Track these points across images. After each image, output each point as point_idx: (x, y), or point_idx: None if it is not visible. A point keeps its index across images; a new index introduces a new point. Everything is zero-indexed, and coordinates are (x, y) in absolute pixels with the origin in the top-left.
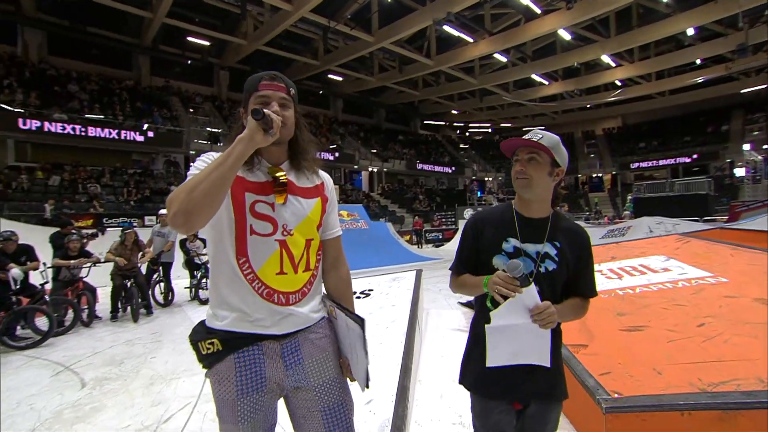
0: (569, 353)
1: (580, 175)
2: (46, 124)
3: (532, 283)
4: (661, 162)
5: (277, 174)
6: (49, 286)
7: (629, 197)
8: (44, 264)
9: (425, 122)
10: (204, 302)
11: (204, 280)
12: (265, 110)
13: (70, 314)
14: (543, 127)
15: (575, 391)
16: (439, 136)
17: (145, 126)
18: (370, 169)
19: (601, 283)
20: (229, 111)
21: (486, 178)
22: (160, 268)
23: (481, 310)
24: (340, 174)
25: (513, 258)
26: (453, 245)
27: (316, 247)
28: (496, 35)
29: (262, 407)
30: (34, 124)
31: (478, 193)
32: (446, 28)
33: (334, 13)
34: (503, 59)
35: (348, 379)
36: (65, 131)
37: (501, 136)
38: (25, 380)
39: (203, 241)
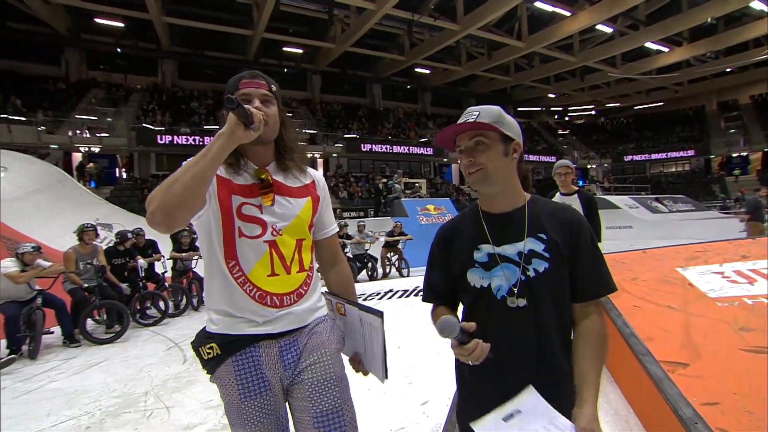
0: (662, 373)
1: (713, 156)
2: (176, 137)
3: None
4: None
5: (263, 176)
6: (168, 275)
7: None
8: (163, 256)
9: (519, 109)
10: None
11: None
12: (246, 106)
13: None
14: (662, 103)
15: (663, 421)
16: (535, 123)
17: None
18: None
19: (721, 287)
20: (321, 113)
21: (588, 166)
22: None
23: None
24: (430, 168)
25: (489, 269)
26: None
27: (309, 247)
28: (598, 3)
29: (271, 410)
30: (167, 138)
31: (580, 182)
32: (538, 4)
33: (418, 5)
34: (608, 30)
35: (361, 374)
36: (188, 142)
37: (607, 118)
38: (147, 351)
39: None
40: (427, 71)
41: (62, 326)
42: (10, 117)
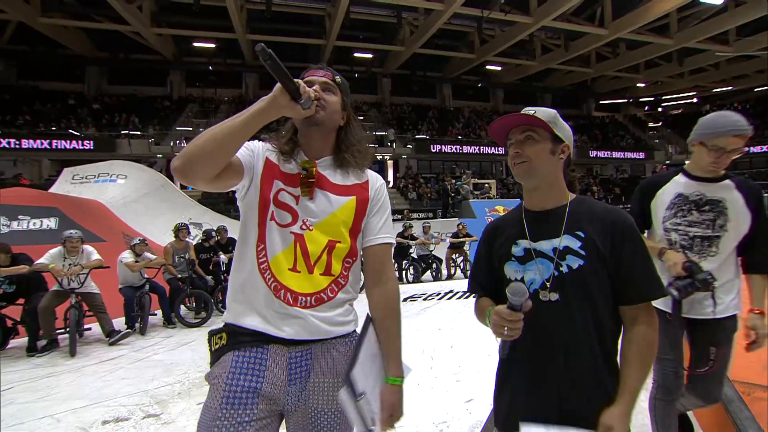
0: (733, 393)
1: None
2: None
3: None
4: None
5: (307, 166)
6: None
7: None
8: None
9: (601, 102)
10: None
11: None
12: (297, 80)
13: None
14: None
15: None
16: (620, 117)
17: None
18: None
19: None
20: (391, 115)
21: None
22: None
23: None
24: (503, 168)
25: (524, 263)
26: None
27: (343, 253)
28: None
29: (250, 428)
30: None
31: None
32: None
33: (487, 1)
34: (717, 2)
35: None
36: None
37: (714, 105)
38: None
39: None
40: (499, 68)
41: (162, 309)
42: (131, 132)
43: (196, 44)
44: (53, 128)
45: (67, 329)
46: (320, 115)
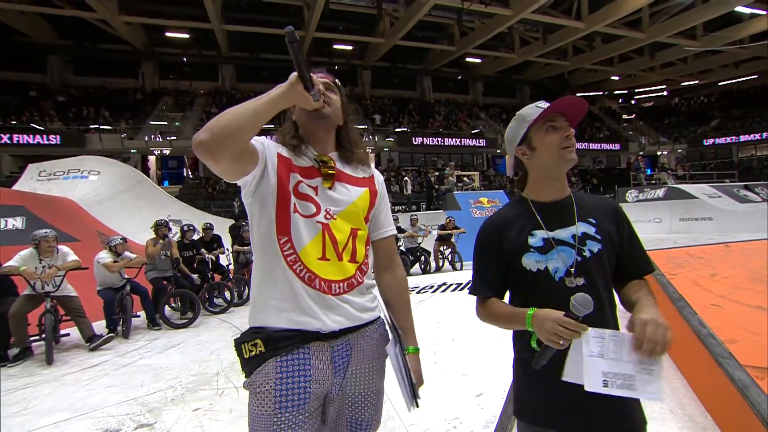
0: (747, 378)
1: None
2: None
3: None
4: None
5: (324, 159)
6: (231, 268)
7: None
8: (227, 250)
9: (578, 95)
10: None
11: None
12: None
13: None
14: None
15: (749, 429)
16: (596, 109)
17: None
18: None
19: None
20: (372, 107)
21: (659, 152)
22: None
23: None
24: (483, 159)
25: (545, 253)
26: None
27: (364, 239)
28: None
29: (304, 427)
30: None
31: (647, 170)
32: None
33: None
34: None
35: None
36: None
37: (683, 98)
38: (216, 336)
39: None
40: (479, 60)
41: (146, 311)
42: (101, 127)
43: (168, 34)
44: (13, 122)
45: (43, 336)
46: (327, 110)
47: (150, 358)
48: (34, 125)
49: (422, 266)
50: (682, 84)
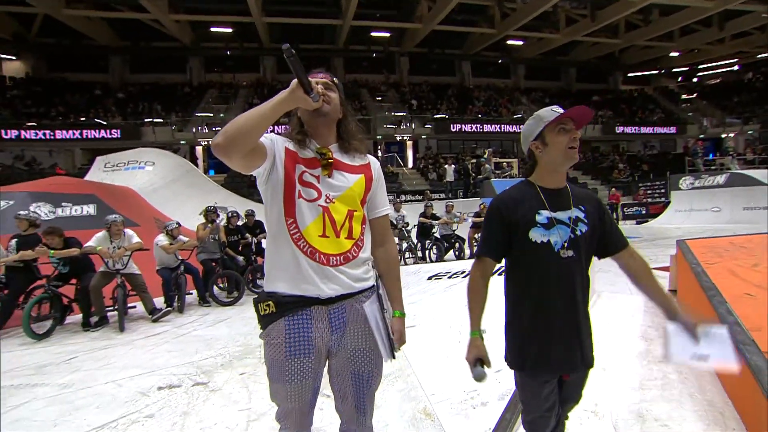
0: (763, 363)
1: None
2: (276, 127)
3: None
4: None
5: (324, 151)
6: None
7: None
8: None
9: (629, 75)
10: None
11: None
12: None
13: None
14: None
15: (761, 416)
16: (650, 90)
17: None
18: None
19: None
20: (410, 95)
21: (724, 135)
22: None
23: (528, 286)
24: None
25: (548, 228)
26: (660, 222)
27: (360, 219)
28: None
29: (309, 371)
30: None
31: (710, 155)
32: None
33: None
34: None
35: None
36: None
37: (758, 72)
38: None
39: None
40: (520, 42)
41: (197, 289)
42: (155, 120)
43: (213, 29)
44: (82, 118)
45: (116, 307)
46: (326, 108)
47: (202, 330)
48: (99, 121)
49: (456, 252)
50: (758, 57)
